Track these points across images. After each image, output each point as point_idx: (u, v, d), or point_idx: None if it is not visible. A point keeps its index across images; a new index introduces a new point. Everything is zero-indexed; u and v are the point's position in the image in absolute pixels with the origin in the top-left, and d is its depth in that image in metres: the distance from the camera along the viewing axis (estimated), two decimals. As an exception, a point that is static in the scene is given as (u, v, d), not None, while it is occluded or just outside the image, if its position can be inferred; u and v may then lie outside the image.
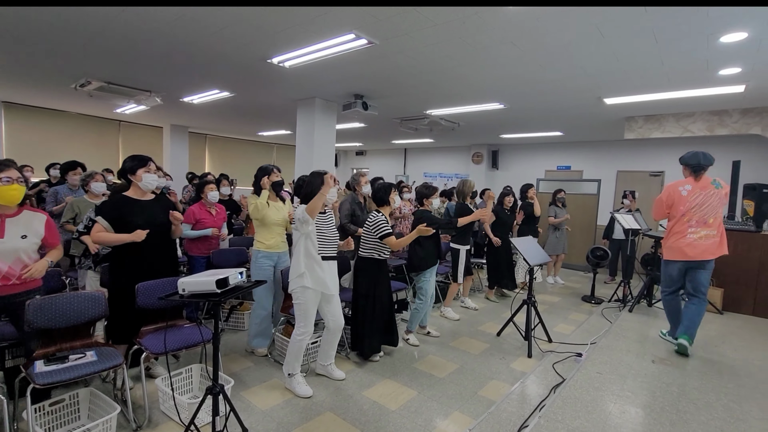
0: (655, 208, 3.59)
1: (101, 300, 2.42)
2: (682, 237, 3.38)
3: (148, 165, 2.64)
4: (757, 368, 3.18)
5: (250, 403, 2.60)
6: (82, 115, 8.38)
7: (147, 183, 2.62)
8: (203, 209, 3.78)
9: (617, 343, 3.60)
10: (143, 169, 2.61)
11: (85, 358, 2.19)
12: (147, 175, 2.61)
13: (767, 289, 4.62)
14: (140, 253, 2.56)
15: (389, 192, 3.22)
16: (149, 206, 2.64)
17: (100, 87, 5.26)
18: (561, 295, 5.69)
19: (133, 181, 2.62)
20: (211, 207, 3.84)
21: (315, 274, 2.68)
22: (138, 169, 2.60)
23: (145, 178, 2.60)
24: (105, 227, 2.50)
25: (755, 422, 2.39)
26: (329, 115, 5.90)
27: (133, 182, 2.62)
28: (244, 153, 11.38)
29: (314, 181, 2.70)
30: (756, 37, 3.00)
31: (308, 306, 2.69)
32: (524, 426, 2.31)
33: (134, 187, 2.63)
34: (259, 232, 3.30)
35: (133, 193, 2.63)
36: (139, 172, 2.59)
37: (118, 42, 3.72)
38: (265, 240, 3.27)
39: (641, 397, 2.64)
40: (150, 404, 2.45)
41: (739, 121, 5.18)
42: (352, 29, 3.18)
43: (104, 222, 2.50)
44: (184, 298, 1.91)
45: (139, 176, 2.59)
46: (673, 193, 3.43)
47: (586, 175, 8.44)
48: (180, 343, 2.43)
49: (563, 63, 3.77)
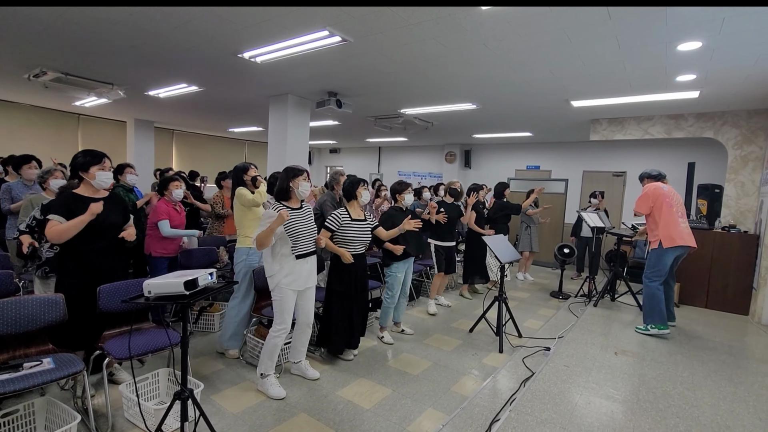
0: (642, 203, 3.89)
1: (59, 304, 2.28)
2: (676, 226, 3.74)
3: (103, 162, 2.47)
4: (708, 357, 3.39)
5: (221, 406, 2.53)
6: (37, 108, 7.89)
7: (101, 181, 2.45)
8: (169, 206, 3.63)
9: (583, 336, 3.75)
10: (97, 166, 2.43)
11: (41, 365, 2.06)
12: (101, 173, 2.44)
13: (718, 283, 4.94)
14: (89, 255, 2.40)
15: (356, 186, 3.18)
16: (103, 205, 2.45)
17: (56, 78, 4.96)
18: (530, 291, 5.87)
19: (84, 179, 2.44)
20: (176, 204, 3.70)
21: (289, 274, 2.64)
22: (91, 165, 2.42)
23: (98, 177, 2.43)
24: (60, 222, 2.31)
25: (707, 408, 2.55)
26: (303, 112, 5.82)
27: (84, 180, 2.44)
28: (214, 149, 11.06)
29: (287, 176, 2.68)
30: (709, 46, 3.19)
31: (285, 303, 2.65)
32: (496, 420, 2.37)
33: (85, 185, 2.45)
34: (250, 227, 3.16)
35: (83, 191, 2.45)
36: (93, 170, 2.42)
37: (76, 31, 3.53)
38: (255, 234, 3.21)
39: (605, 388, 2.76)
40: (113, 412, 2.34)
41: (694, 125, 5.50)
42: (326, 26, 3.15)
43: (57, 217, 2.31)
44: (150, 301, 1.84)
45: (93, 174, 2.42)
46: (656, 189, 3.85)
47: (554, 174, 8.73)
48: (146, 347, 2.33)
49: (533, 66, 3.88)
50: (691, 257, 5.03)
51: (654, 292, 3.82)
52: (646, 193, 3.90)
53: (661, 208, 3.81)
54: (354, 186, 3.19)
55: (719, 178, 5.81)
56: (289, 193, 2.70)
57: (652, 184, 3.94)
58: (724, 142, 5.32)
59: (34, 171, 3.91)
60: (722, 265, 4.90)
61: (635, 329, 3.94)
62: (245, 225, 3.22)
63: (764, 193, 4.72)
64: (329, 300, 3.21)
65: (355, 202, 3.21)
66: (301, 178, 2.70)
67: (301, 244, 2.70)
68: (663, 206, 3.80)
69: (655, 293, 3.81)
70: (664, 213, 3.79)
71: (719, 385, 2.88)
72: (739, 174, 5.22)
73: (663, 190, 3.85)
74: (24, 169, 3.93)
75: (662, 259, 3.80)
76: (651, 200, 3.85)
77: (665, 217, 3.78)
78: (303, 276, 2.72)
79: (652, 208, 3.84)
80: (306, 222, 2.75)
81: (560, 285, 5.65)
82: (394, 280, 3.64)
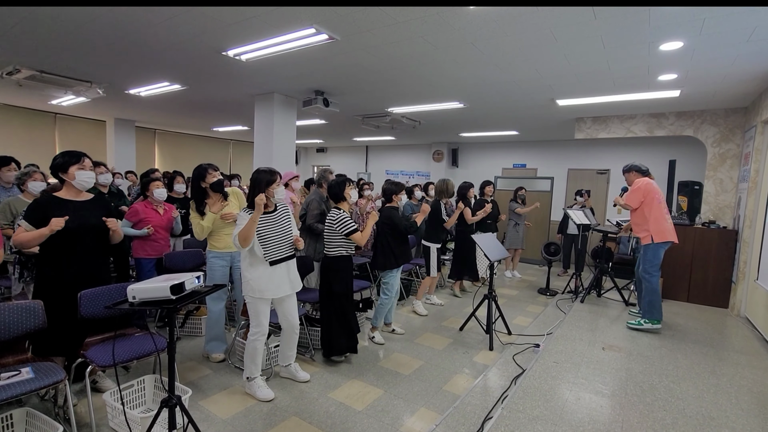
0: (634, 196, 3.91)
1: (38, 311, 2.20)
2: (665, 221, 3.81)
3: (83, 161, 2.38)
4: (691, 350, 3.48)
5: (210, 412, 2.48)
6: (10, 106, 7.60)
7: (81, 181, 2.37)
8: (149, 207, 3.54)
9: (571, 332, 3.80)
10: (76, 166, 2.35)
11: (20, 375, 1.98)
12: (81, 173, 2.36)
13: (699, 277, 5.07)
14: (70, 258, 2.32)
15: (344, 187, 3.13)
16: (83, 207, 2.38)
17: (31, 76, 4.78)
18: (519, 289, 5.93)
19: (65, 180, 2.36)
20: (159, 205, 3.60)
21: (260, 282, 2.55)
22: (70, 166, 2.34)
23: (78, 176, 2.35)
24: (26, 229, 2.23)
25: (692, 400, 2.62)
26: (289, 111, 5.75)
27: (66, 181, 2.36)
28: (198, 149, 10.85)
29: (259, 179, 2.55)
30: (690, 46, 3.26)
31: (257, 308, 2.60)
32: (488, 418, 2.38)
33: (67, 187, 2.38)
34: (210, 234, 3.13)
35: (65, 194, 2.37)
36: (72, 170, 2.34)
37: (52, 26, 3.40)
38: (215, 242, 3.11)
39: (594, 383, 2.80)
40: (98, 421, 2.26)
41: (674, 123, 5.63)
42: (313, 24, 3.11)
43: (26, 224, 2.23)
44: (134, 306, 1.78)
45: (72, 174, 2.34)
46: (648, 185, 3.88)
47: (540, 173, 8.84)
48: (130, 354, 2.26)
49: (520, 65, 3.91)
50: (673, 252, 5.16)
51: (656, 287, 3.84)
52: (639, 188, 3.91)
53: (651, 204, 3.84)
54: (342, 186, 3.14)
55: (699, 175, 5.96)
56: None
57: (644, 179, 3.96)
58: (704, 140, 5.46)
59: (13, 173, 3.74)
60: (702, 259, 5.04)
61: (627, 325, 3.97)
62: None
63: (742, 189, 4.86)
64: (328, 303, 3.15)
65: (345, 204, 3.17)
66: (275, 183, 2.57)
67: (275, 249, 2.59)
68: (654, 202, 3.84)
69: (657, 288, 3.84)
70: (654, 208, 3.82)
71: (702, 378, 2.95)
72: (717, 171, 5.36)
73: (654, 186, 3.89)
74: (3, 172, 3.73)
75: (657, 253, 3.85)
76: (642, 195, 3.87)
77: (656, 212, 3.82)
78: (279, 283, 2.61)
79: (642, 203, 3.87)
80: (281, 225, 2.65)
81: (547, 282, 5.73)
82: (393, 281, 3.64)
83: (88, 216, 2.38)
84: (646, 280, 3.89)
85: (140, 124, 9.12)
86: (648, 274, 3.89)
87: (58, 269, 2.32)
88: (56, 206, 2.30)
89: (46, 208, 2.27)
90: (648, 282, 3.88)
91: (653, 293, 3.85)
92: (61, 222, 2.21)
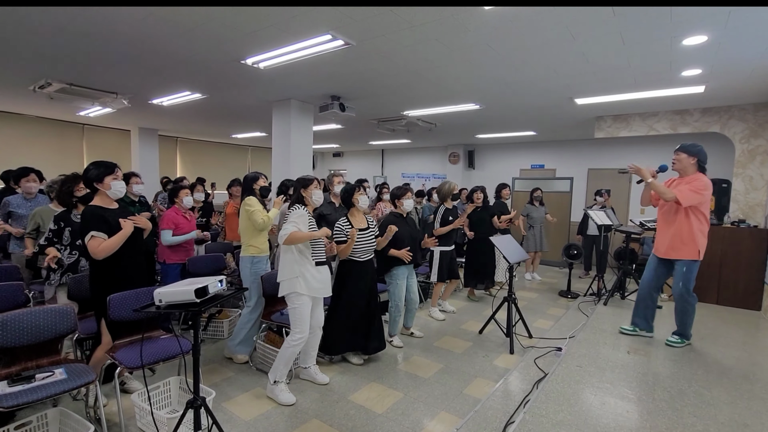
0: (697, 196, 3.12)
1: (70, 314, 2.29)
2: (706, 236, 3.25)
3: (116, 172, 2.50)
4: (722, 355, 3.35)
5: (233, 414, 2.52)
6: (42, 119, 7.95)
7: (116, 191, 2.48)
8: (179, 214, 3.66)
9: (594, 336, 3.71)
10: (111, 176, 2.46)
11: (53, 376, 2.06)
12: (115, 183, 2.47)
13: (729, 279, 4.88)
14: (120, 262, 2.45)
15: (352, 193, 3.16)
16: (121, 215, 2.50)
17: (61, 89, 5.00)
18: (539, 291, 5.83)
19: (100, 190, 2.45)
20: (186, 212, 3.73)
21: (309, 280, 2.66)
22: (105, 176, 2.44)
23: (114, 186, 2.46)
24: (102, 238, 2.35)
25: (724, 406, 2.51)
26: (306, 117, 5.83)
27: (99, 191, 2.45)
28: (217, 156, 11.10)
29: (298, 186, 2.78)
30: (715, 40, 3.16)
31: (303, 310, 2.65)
32: (510, 422, 2.35)
33: (101, 196, 2.47)
34: (252, 237, 3.22)
35: (100, 202, 2.47)
36: (107, 180, 2.44)
37: (81, 41, 3.55)
38: (260, 244, 3.25)
39: (619, 388, 2.73)
40: (126, 421, 2.34)
41: (699, 120, 5.45)
42: (329, 30, 3.15)
43: (101, 234, 2.34)
44: (160, 310, 1.83)
45: (107, 184, 2.44)
46: (710, 188, 3.17)
47: (558, 173, 8.68)
48: (157, 356, 2.33)
49: (537, 64, 3.86)
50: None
51: (693, 302, 3.35)
52: (707, 186, 3.13)
53: (706, 210, 3.19)
54: (349, 194, 3.17)
55: (726, 173, 5.76)
56: (304, 200, 2.76)
57: (707, 179, 3.21)
58: (731, 136, 5.27)
59: (33, 184, 3.86)
60: (733, 260, 4.85)
61: (666, 342, 3.49)
62: (249, 234, 3.23)
63: (773, 186, 4.67)
64: (333, 305, 3.19)
65: (355, 210, 3.19)
66: (312, 186, 2.76)
67: (318, 251, 2.75)
68: (706, 208, 3.16)
69: (693, 305, 3.36)
70: (706, 217, 3.23)
71: (735, 383, 2.83)
72: (747, 168, 5.17)
73: (710, 192, 3.19)
74: (23, 183, 3.84)
75: (697, 270, 3.29)
76: (706, 197, 3.10)
77: (706, 223, 3.24)
78: (323, 283, 2.76)
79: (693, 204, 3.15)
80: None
81: (569, 284, 5.61)
82: (396, 289, 3.56)
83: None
84: (689, 301, 3.33)
85: (163, 132, 9.40)
86: (689, 294, 3.32)
87: (111, 271, 2.44)
88: (106, 214, 2.42)
89: (106, 217, 2.40)
90: (690, 302, 3.34)
91: (694, 312, 3.40)
92: (130, 224, 2.42)
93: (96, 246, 2.32)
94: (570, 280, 5.63)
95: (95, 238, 2.33)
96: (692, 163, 3.21)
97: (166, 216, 3.62)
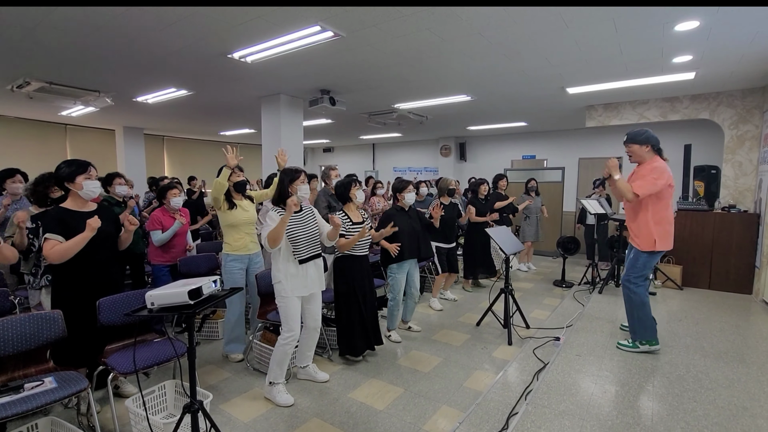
0: (649, 184, 2.89)
1: (57, 320, 2.20)
2: (670, 224, 2.99)
3: (89, 171, 2.34)
4: (717, 339, 3.38)
5: (231, 416, 2.47)
6: (22, 119, 7.72)
7: (88, 191, 2.34)
8: (166, 215, 3.57)
9: (591, 324, 3.73)
10: (83, 175, 2.31)
11: (43, 385, 1.99)
12: (88, 183, 2.32)
13: (720, 264, 4.94)
14: (89, 268, 2.32)
15: (349, 188, 3.12)
16: (89, 217, 2.32)
17: (40, 88, 4.83)
18: (534, 281, 5.85)
19: (71, 190, 2.32)
20: (175, 212, 3.63)
21: (293, 280, 2.58)
22: (77, 175, 2.30)
23: (86, 186, 2.31)
24: (60, 241, 2.22)
25: (722, 390, 2.54)
26: (295, 112, 5.73)
27: (71, 191, 2.33)
28: (205, 154, 10.91)
29: (284, 179, 2.61)
30: (707, 25, 3.16)
31: (290, 310, 2.59)
32: (513, 414, 2.33)
33: (73, 197, 2.34)
34: (227, 233, 3.16)
35: (71, 204, 2.34)
36: (79, 180, 2.30)
37: (59, 37, 3.42)
38: (233, 241, 3.14)
39: (619, 375, 2.73)
40: (120, 428, 2.27)
41: (689, 107, 5.49)
42: (317, 21, 3.07)
43: (55, 236, 2.22)
44: (153, 313, 1.77)
45: (79, 184, 2.30)
46: (667, 170, 2.91)
47: (550, 163, 8.71)
48: (151, 360, 2.26)
49: (528, 53, 3.83)
50: (693, 239, 5.06)
51: (644, 300, 3.06)
52: (658, 169, 2.89)
53: (667, 198, 2.96)
54: (347, 188, 3.13)
55: (716, 159, 5.80)
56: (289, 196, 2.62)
57: (662, 162, 2.97)
58: (720, 122, 5.31)
59: (19, 185, 3.74)
60: (724, 245, 4.91)
61: (617, 345, 3.20)
62: (224, 231, 3.18)
63: (763, 171, 4.72)
64: (337, 303, 3.15)
65: (351, 204, 3.15)
66: (298, 180, 2.63)
67: (304, 248, 2.62)
68: (665, 194, 2.94)
69: (646, 302, 3.07)
70: (667, 205, 2.99)
71: (732, 366, 2.86)
72: (736, 154, 5.22)
73: (670, 176, 2.93)
74: (8, 184, 3.71)
75: (650, 261, 3.04)
76: (663, 182, 2.87)
77: (668, 211, 2.99)
78: (308, 281, 2.66)
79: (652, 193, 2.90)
80: (307, 224, 2.68)
81: (563, 273, 5.63)
82: (395, 282, 3.52)
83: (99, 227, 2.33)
84: (632, 291, 3.07)
85: (149, 131, 9.20)
86: (634, 284, 3.08)
87: (77, 278, 2.33)
88: (72, 218, 2.29)
89: (65, 219, 2.27)
90: (635, 294, 3.07)
91: (642, 308, 3.06)
92: (97, 221, 2.23)
93: (49, 248, 2.19)
94: (564, 269, 5.65)
95: (49, 241, 2.20)
96: (647, 151, 3.01)
97: (152, 217, 3.53)
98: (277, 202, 2.63)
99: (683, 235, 5.08)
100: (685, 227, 5.08)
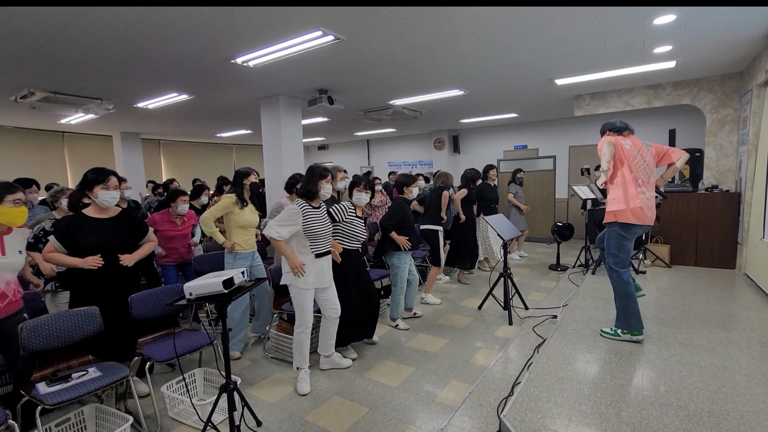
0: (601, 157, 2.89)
1: (95, 316, 2.38)
2: (637, 197, 2.86)
3: (107, 181, 2.44)
4: (702, 309, 3.64)
5: (258, 398, 2.67)
6: (21, 129, 7.77)
7: (103, 201, 2.44)
8: (165, 219, 3.68)
9: (586, 302, 3.97)
10: (101, 186, 2.42)
11: (88, 374, 2.17)
12: (104, 193, 2.43)
13: (705, 241, 5.22)
14: (98, 276, 2.42)
15: (353, 186, 3.31)
16: (107, 225, 2.48)
17: (44, 98, 4.95)
18: (529, 267, 6.09)
19: (90, 198, 2.47)
20: (177, 218, 3.74)
21: (308, 273, 2.72)
22: (96, 185, 2.42)
23: (101, 196, 2.42)
24: (57, 248, 2.36)
25: (705, 353, 2.78)
26: (294, 112, 5.88)
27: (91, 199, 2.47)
28: (202, 156, 11.01)
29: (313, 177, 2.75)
30: (683, 18, 3.37)
31: (303, 301, 2.75)
32: (517, 383, 2.56)
33: (93, 204, 2.48)
34: (235, 233, 3.27)
35: (91, 211, 2.47)
36: (96, 189, 2.41)
37: (69, 49, 3.55)
38: (243, 242, 3.28)
39: (612, 345, 2.97)
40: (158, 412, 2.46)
41: (672, 93, 5.73)
42: (320, 26, 3.24)
43: (56, 242, 2.36)
44: (191, 302, 1.95)
45: (96, 193, 2.42)
46: (610, 145, 2.86)
47: (541, 152, 8.95)
48: (185, 348, 2.46)
49: (518, 49, 4.03)
50: (679, 219, 5.32)
51: (627, 290, 2.94)
52: (598, 147, 2.92)
53: (617, 167, 2.91)
54: (351, 186, 3.35)
55: (699, 142, 6.07)
56: (316, 194, 2.75)
57: (606, 138, 2.94)
58: (701, 107, 5.56)
59: (36, 195, 3.92)
60: (708, 224, 5.18)
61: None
62: (229, 231, 3.31)
63: (742, 152, 4.98)
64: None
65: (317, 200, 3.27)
66: (324, 180, 2.76)
67: (319, 243, 2.78)
68: (619, 165, 2.90)
69: (629, 292, 2.95)
70: (619, 177, 2.91)
71: (714, 333, 3.12)
72: (717, 137, 5.48)
73: (622, 147, 2.88)
74: (27, 194, 3.89)
75: (624, 240, 2.95)
76: (609, 157, 2.84)
77: (621, 184, 2.90)
78: (322, 274, 2.81)
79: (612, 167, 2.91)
80: (323, 222, 2.82)
81: (557, 258, 5.88)
82: (399, 271, 3.73)
83: (111, 234, 2.47)
84: (613, 279, 3.01)
85: (145, 135, 9.28)
86: (614, 272, 2.99)
87: (90, 283, 2.43)
88: (81, 224, 2.41)
89: (71, 226, 2.39)
90: (618, 280, 2.97)
91: (626, 296, 2.95)
92: (98, 261, 2.35)
93: (46, 250, 2.38)
94: (559, 254, 5.90)
95: (49, 243, 2.38)
96: (608, 136, 2.99)
97: (150, 219, 3.66)
98: (304, 196, 2.76)
99: (670, 216, 5.35)
100: (672, 208, 5.35)
